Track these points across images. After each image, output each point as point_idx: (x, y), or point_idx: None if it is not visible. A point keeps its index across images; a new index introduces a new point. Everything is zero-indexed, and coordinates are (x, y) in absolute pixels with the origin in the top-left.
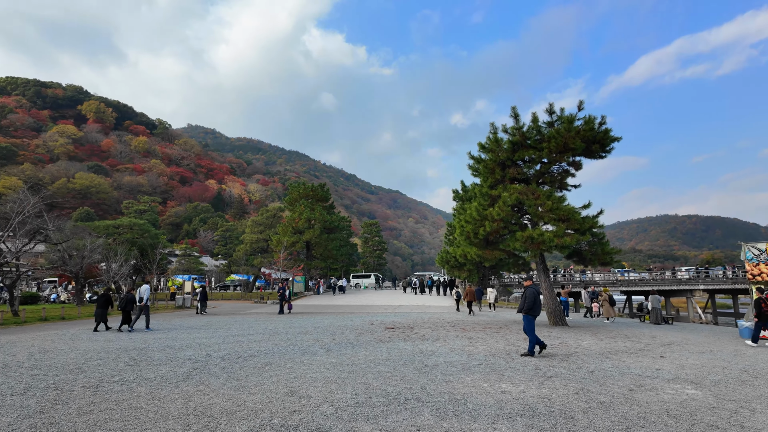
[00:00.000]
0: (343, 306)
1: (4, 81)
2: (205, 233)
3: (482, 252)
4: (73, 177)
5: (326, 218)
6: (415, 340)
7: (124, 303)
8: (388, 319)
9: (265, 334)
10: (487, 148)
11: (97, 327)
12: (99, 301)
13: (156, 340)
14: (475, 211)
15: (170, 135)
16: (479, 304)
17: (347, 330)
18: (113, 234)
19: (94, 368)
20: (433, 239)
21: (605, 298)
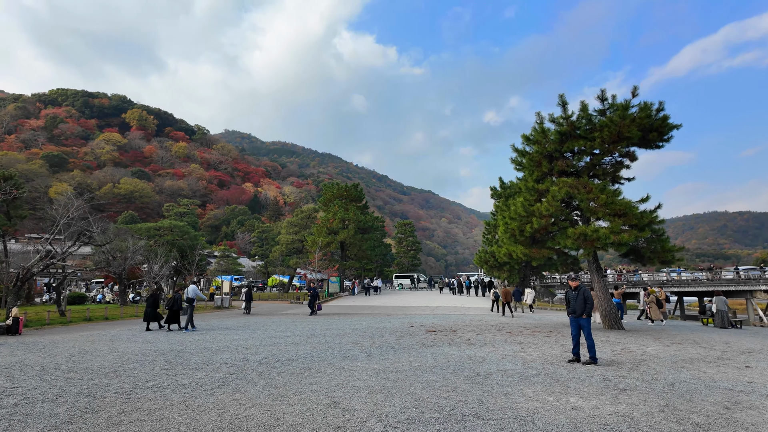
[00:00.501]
0: (379, 307)
1: (55, 93)
2: (243, 235)
3: (529, 251)
4: (119, 182)
5: (360, 218)
6: (460, 344)
7: (171, 302)
8: (427, 321)
9: (303, 336)
10: (532, 140)
11: (148, 326)
12: (148, 301)
13: (193, 341)
14: (521, 206)
15: (208, 140)
16: (517, 306)
17: (386, 332)
18: (154, 236)
19: (130, 372)
20: (466, 239)
21: (652, 300)
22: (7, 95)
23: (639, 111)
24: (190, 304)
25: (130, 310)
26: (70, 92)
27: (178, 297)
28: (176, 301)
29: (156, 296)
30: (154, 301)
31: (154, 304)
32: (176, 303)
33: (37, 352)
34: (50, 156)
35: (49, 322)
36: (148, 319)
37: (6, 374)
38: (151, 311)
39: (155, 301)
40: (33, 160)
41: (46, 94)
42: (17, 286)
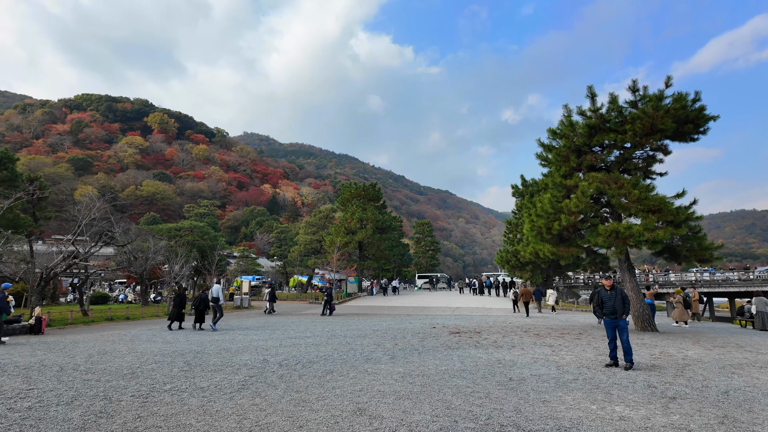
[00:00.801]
0: (398, 307)
1: (80, 98)
2: (261, 236)
3: (557, 249)
4: (141, 184)
5: (378, 218)
6: (487, 347)
7: (197, 302)
8: (449, 322)
9: (323, 337)
10: (559, 134)
11: (171, 325)
12: (175, 301)
13: (213, 342)
14: (549, 203)
15: (228, 142)
16: (539, 306)
17: (408, 334)
18: (175, 236)
19: (148, 374)
20: (484, 239)
21: (678, 300)
22: (35, 101)
23: (673, 102)
24: (215, 304)
25: (151, 310)
26: (95, 97)
27: (204, 297)
28: (202, 300)
29: (183, 296)
30: (181, 301)
31: (180, 304)
32: (202, 303)
33: (58, 351)
34: (75, 159)
35: (71, 322)
36: (173, 318)
37: (24, 375)
38: (177, 311)
39: (182, 301)
40: (59, 163)
41: (72, 100)
42: (41, 286)
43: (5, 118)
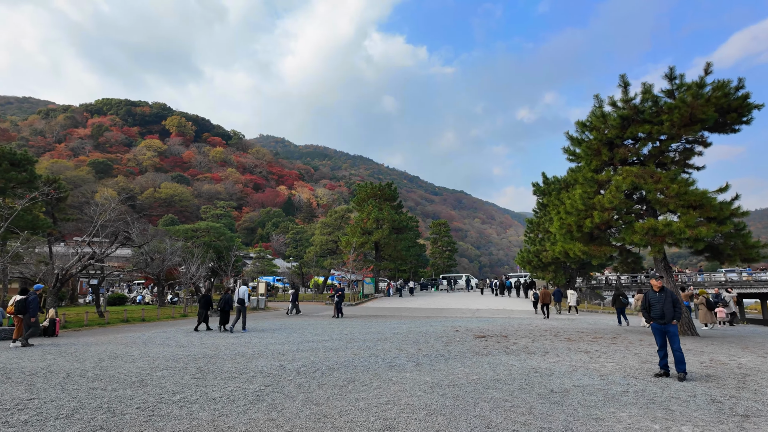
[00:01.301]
0: (416, 309)
1: (100, 102)
2: (277, 237)
3: (588, 248)
4: (159, 187)
5: (394, 218)
6: (518, 353)
7: (222, 303)
8: (471, 324)
9: (342, 341)
10: (589, 126)
11: (197, 326)
12: (200, 302)
13: (228, 345)
14: (579, 199)
15: (244, 145)
16: (559, 307)
17: (431, 338)
18: (192, 237)
19: (157, 381)
20: (500, 240)
21: (701, 301)
22: (58, 106)
23: (714, 90)
24: (241, 305)
25: (167, 312)
26: (114, 101)
27: (228, 298)
28: (227, 302)
29: (208, 297)
30: (206, 302)
31: (206, 304)
32: (227, 304)
33: (68, 356)
34: (96, 163)
35: (87, 324)
36: (201, 319)
37: (28, 383)
38: (203, 312)
39: (207, 302)
40: (80, 167)
41: (93, 104)
42: (57, 287)
43: (29, 123)
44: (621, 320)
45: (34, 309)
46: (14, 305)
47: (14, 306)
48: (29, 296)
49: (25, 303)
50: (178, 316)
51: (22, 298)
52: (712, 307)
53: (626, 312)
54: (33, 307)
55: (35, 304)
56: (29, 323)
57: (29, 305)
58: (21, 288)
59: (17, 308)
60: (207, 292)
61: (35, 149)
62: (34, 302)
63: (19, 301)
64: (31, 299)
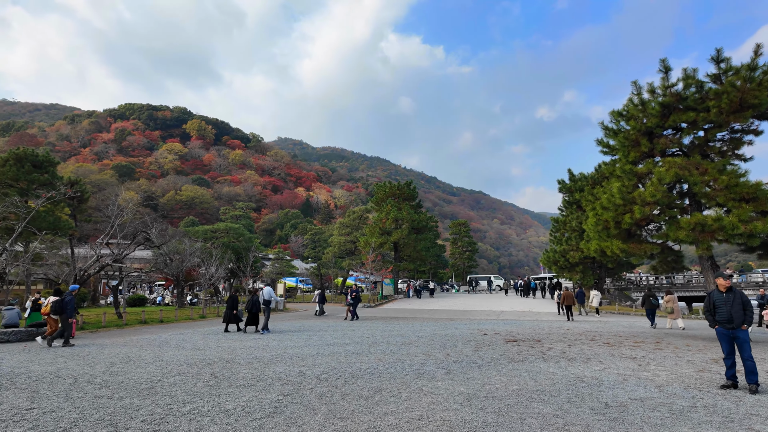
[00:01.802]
0: (438, 311)
1: (123, 107)
2: (296, 238)
3: (627, 246)
4: (180, 189)
5: (414, 217)
6: (557, 359)
7: (250, 305)
8: (499, 327)
9: (364, 345)
10: (626, 116)
11: (226, 328)
12: (228, 303)
13: (245, 349)
14: (618, 193)
15: (262, 147)
16: (583, 309)
17: (459, 341)
18: (211, 238)
19: (167, 389)
20: (520, 240)
21: None
22: (83, 112)
23: (765, 73)
24: (266, 306)
25: (185, 313)
26: (137, 106)
27: (256, 299)
28: (255, 303)
29: (235, 298)
30: (233, 303)
31: (233, 305)
32: (255, 305)
33: (80, 359)
34: (119, 166)
35: (104, 325)
36: (227, 320)
37: (31, 389)
38: (230, 313)
39: (234, 303)
40: (104, 170)
41: (116, 109)
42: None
43: (56, 129)
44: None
45: (71, 310)
46: (50, 306)
47: (50, 307)
48: (65, 297)
49: (62, 304)
50: (197, 318)
51: (58, 299)
52: None
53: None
54: (70, 308)
55: (72, 305)
56: (66, 324)
57: (66, 306)
58: (54, 289)
59: (54, 309)
60: (234, 293)
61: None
62: (71, 303)
63: (56, 302)
64: (68, 300)
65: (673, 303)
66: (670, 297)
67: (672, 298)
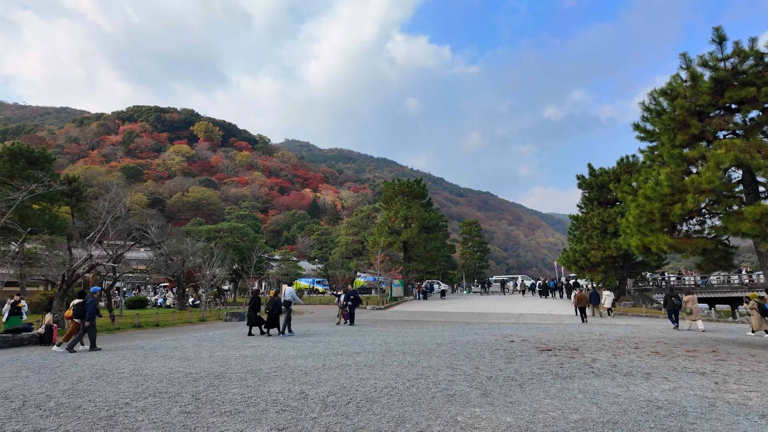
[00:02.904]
0: (452, 314)
1: (131, 110)
2: (303, 239)
3: (676, 241)
4: (187, 191)
5: (424, 216)
6: (610, 374)
7: (271, 306)
8: (523, 332)
9: (377, 354)
10: (671, 94)
11: (251, 331)
12: (250, 305)
13: (240, 359)
14: (667, 181)
15: (269, 149)
16: (597, 311)
17: (485, 350)
18: (214, 238)
19: (132, 418)
20: (528, 241)
21: (753, 305)
22: (91, 115)
23: None
24: (287, 307)
25: (184, 316)
26: (144, 108)
27: (277, 300)
28: (275, 304)
29: (257, 299)
30: (255, 305)
31: (255, 307)
32: (276, 306)
33: (47, 372)
34: (127, 168)
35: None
36: (251, 323)
37: None
38: (254, 315)
39: (256, 305)
40: (112, 172)
41: (124, 112)
42: (62, 290)
43: (65, 132)
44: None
45: (90, 313)
46: (72, 309)
47: (72, 310)
48: (87, 299)
49: (83, 306)
50: (196, 321)
51: (80, 302)
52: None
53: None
54: (90, 311)
55: (92, 308)
56: (90, 328)
57: (87, 308)
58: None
59: (76, 312)
60: (255, 294)
61: (70, 156)
62: (91, 305)
63: (78, 304)
64: (88, 302)
65: (693, 303)
66: (689, 297)
67: (691, 298)
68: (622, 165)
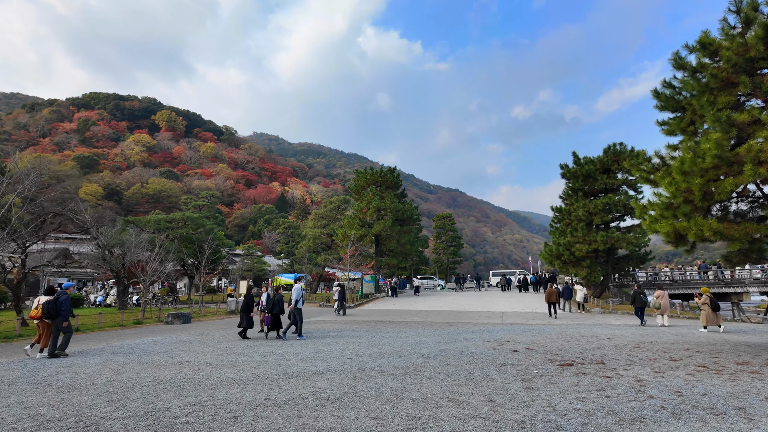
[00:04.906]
0: (429, 312)
1: (88, 96)
2: (270, 234)
3: (723, 227)
4: (147, 182)
5: (398, 207)
6: (693, 412)
7: (271, 305)
8: (519, 337)
9: (346, 375)
10: (711, 48)
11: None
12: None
13: (150, 387)
14: (716, 148)
15: (236, 140)
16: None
17: (487, 365)
18: (165, 229)
19: None
20: (495, 238)
21: (705, 301)
22: (43, 100)
23: None
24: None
25: (115, 318)
26: (102, 95)
27: (279, 298)
28: (277, 303)
29: (250, 298)
30: (248, 305)
31: (248, 308)
32: (277, 306)
33: None
34: (81, 158)
35: None
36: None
37: None
38: (247, 316)
39: (249, 305)
40: (65, 161)
41: (79, 98)
42: None
43: (13, 117)
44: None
45: (66, 311)
46: (42, 308)
47: (42, 309)
48: (59, 296)
49: (56, 305)
50: (130, 324)
51: (49, 299)
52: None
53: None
54: (65, 309)
55: (67, 306)
56: (61, 328)
57: (60, 307)
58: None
59: (46, 311)
60: (249, 292)
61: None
62: (66, 303)
63: (49, 302)
64: (62, 299)
65: (663, 299)
66: (660, 293)
67: (662, 293)
68: (609, 153)
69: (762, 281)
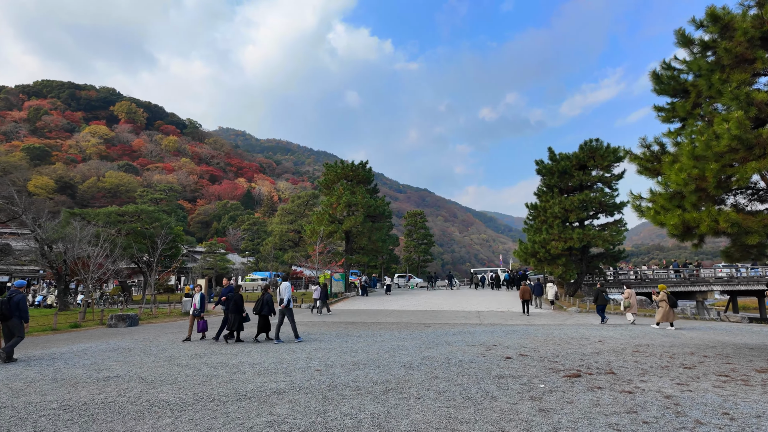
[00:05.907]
0: (403, 312)
1: (40, 84)
2: (235, 231)
3: (741, 218)
4: (103, 176)
5: (370, 203)
6: None
7: (259, 306)
8: (506, 340)
9: (312, 395)
10: (722, 21)
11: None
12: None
13: (49, 420)
14: (737, 128)
15: (200, 134)
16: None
17: (482, 377)
18: (116, 222)
19: None
20: (463, 238)
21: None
22: None
23: None
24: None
25: (47, 321)
26: (56, 83)
27: (268, 298)
28: (266, 304)
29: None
30: (238, 305)
31: (238, 308)
32: (266, 306)
33: None
34: (31, 149)
35: None
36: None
37: None
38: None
39: (239, 305)
40: (13, 152)
41: (30, 86)
42: None
43: None
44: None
45: (24, 311)
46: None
47: None
48: (14, 296)
49: (9, 305)
50: (65, 327)
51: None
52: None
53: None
54: (23, 309)
55: (25, 305)
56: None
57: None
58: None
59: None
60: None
61: None
62: (23, 302)
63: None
64: (17, 299)
65: (632, 298)
66: (629, 292)
67: (631, 293)
68: (585, 149)
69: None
